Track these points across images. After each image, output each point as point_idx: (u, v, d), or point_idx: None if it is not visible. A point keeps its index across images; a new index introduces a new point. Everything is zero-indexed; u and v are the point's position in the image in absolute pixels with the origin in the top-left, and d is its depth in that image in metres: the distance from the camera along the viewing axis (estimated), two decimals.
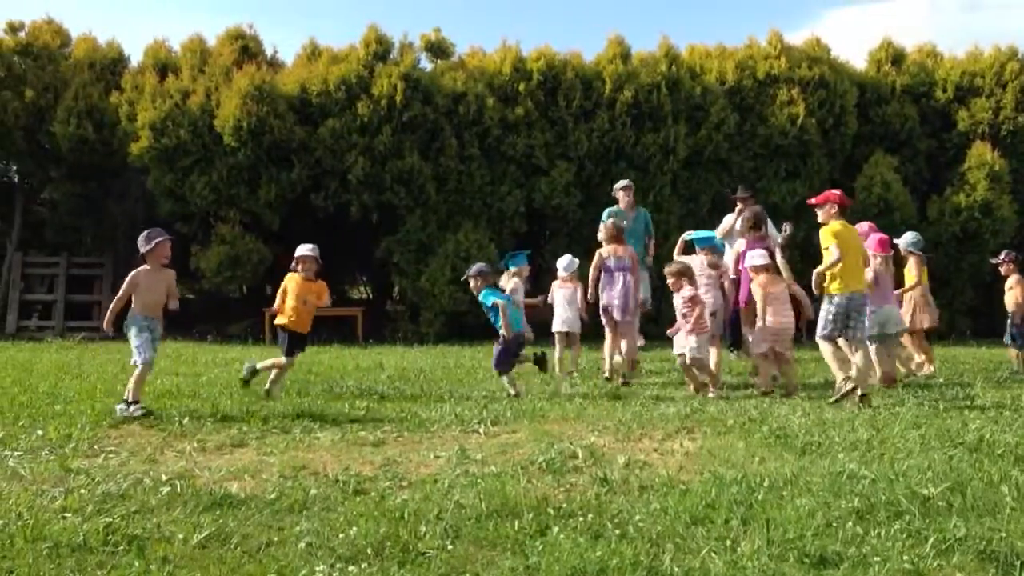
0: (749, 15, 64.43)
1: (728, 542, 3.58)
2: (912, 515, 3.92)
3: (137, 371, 6.98)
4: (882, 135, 17.13)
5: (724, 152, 16.32)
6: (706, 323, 8.24)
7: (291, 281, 8.08)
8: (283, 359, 8.09)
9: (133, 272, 7.21)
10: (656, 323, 12.57)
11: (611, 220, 9.64)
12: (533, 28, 76.90)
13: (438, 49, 17.10)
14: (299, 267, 8.09)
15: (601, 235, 9.52)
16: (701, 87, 16.48)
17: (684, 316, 8.14)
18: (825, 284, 7.65)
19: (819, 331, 7.72)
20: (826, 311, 7.66)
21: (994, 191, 16.09)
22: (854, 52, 34.70)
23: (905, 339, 9.72)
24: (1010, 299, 10.56)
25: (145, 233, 7.33)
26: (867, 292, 8.02)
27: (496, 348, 8.37)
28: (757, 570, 3.28)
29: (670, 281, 8.35)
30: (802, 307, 8.61)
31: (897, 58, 17.94)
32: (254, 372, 8.23)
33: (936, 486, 4.33)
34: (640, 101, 15.89)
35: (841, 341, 7.76)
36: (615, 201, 10.77)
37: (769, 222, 9.43)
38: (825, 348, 7.66)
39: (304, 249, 8.11)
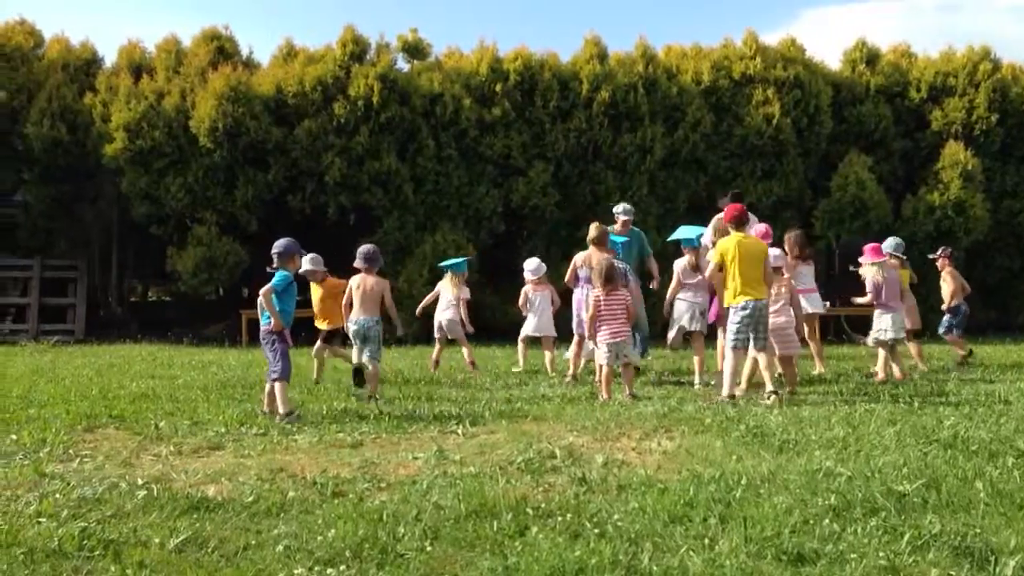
0: (725, 15, 64.80)
1: (706, 540, 3.59)
2: (888, 512, 3.95)
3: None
4: (856, 135, 17.24)
5: (700, 152, 16.39)
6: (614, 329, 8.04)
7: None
8: None
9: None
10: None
11: (596, 224, 9.52)
12: (510, 28, 77.04)
13: (415, 50, 17.07)
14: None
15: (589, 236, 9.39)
16: (677, 87, 16.56)
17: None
18: (725, 295, 7.91)
19: (729, 339, 7.89)
20: (732, 320, 7.83)
21: (967, 190, 16.24)
22: (829, 52, 34.93)
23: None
24: (945, 292, 11.09)
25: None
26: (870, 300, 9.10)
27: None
28: (735, 568, 3.29)
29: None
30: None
31: (871, 58, 18.06)
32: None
33: (911, 483, 4.37)
34: (617, 101, 15.93)
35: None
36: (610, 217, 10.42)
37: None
38: (729, 358, 7.83)
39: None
